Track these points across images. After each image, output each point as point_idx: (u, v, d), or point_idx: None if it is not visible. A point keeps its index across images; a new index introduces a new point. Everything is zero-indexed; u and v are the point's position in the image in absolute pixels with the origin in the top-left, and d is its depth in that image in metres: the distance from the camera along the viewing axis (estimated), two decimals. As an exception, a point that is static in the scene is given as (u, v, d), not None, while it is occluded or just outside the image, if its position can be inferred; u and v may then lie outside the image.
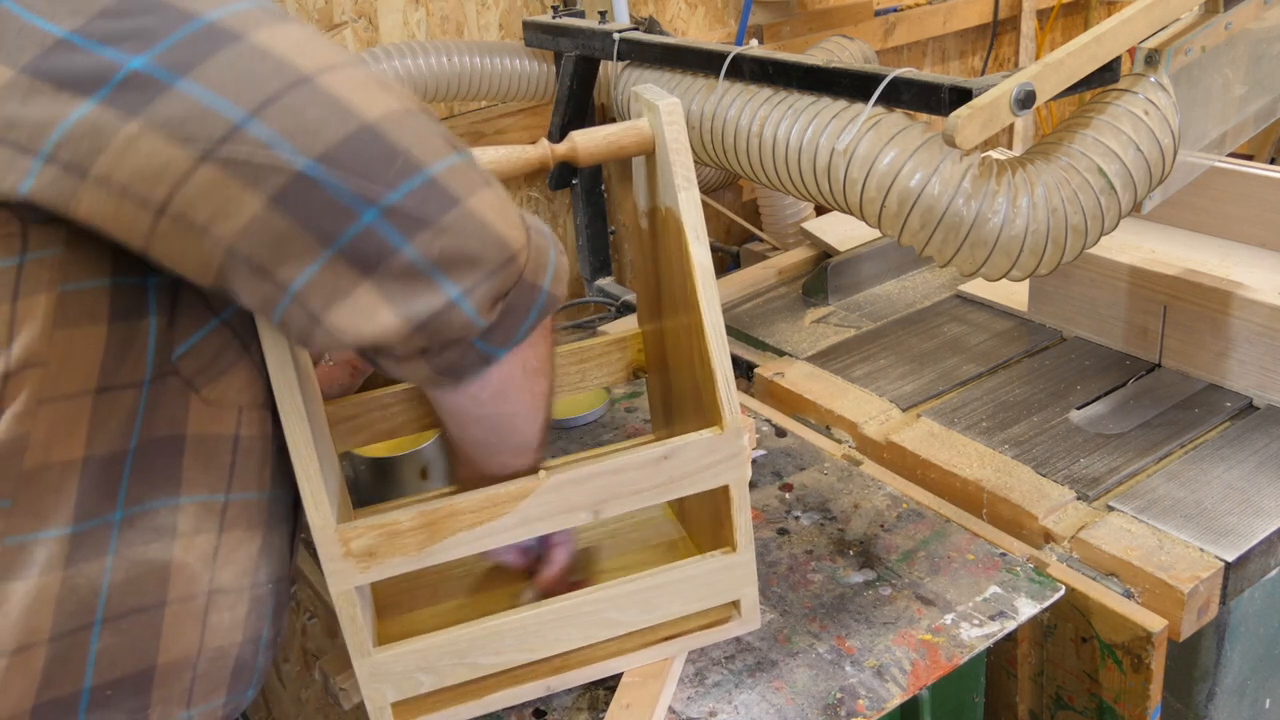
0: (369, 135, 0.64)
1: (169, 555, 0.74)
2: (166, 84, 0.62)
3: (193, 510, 0.75)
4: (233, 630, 0.78)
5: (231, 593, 0.78)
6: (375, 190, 0.64)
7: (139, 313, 0.71)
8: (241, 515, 0.78)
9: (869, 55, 1.88)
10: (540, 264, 0.71)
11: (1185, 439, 1.27)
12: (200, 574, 0.76)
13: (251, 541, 0.79)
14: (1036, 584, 1.04)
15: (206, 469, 0.76)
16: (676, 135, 0.89)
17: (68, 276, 0.67)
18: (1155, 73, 1.13)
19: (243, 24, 0.64)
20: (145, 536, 0.73)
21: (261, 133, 0.62)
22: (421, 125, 0.67)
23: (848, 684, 0.94)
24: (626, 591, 0.93)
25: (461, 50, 1.81)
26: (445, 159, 0.67)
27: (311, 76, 0.64)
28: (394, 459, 1.24)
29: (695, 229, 0.88)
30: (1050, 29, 2.92)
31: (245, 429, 0.78)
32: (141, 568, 0.73)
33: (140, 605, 0.73)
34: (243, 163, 0.62)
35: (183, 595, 0.75)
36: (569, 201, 2.21)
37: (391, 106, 0.66)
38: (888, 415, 1.39)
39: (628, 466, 0.88)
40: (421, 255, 0.65)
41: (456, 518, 0.85)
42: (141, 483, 0.73)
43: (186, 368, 0.73)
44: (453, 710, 0.93)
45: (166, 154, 0.62)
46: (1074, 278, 1.48)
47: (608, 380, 1.11)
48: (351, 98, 0.65)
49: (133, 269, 0.69)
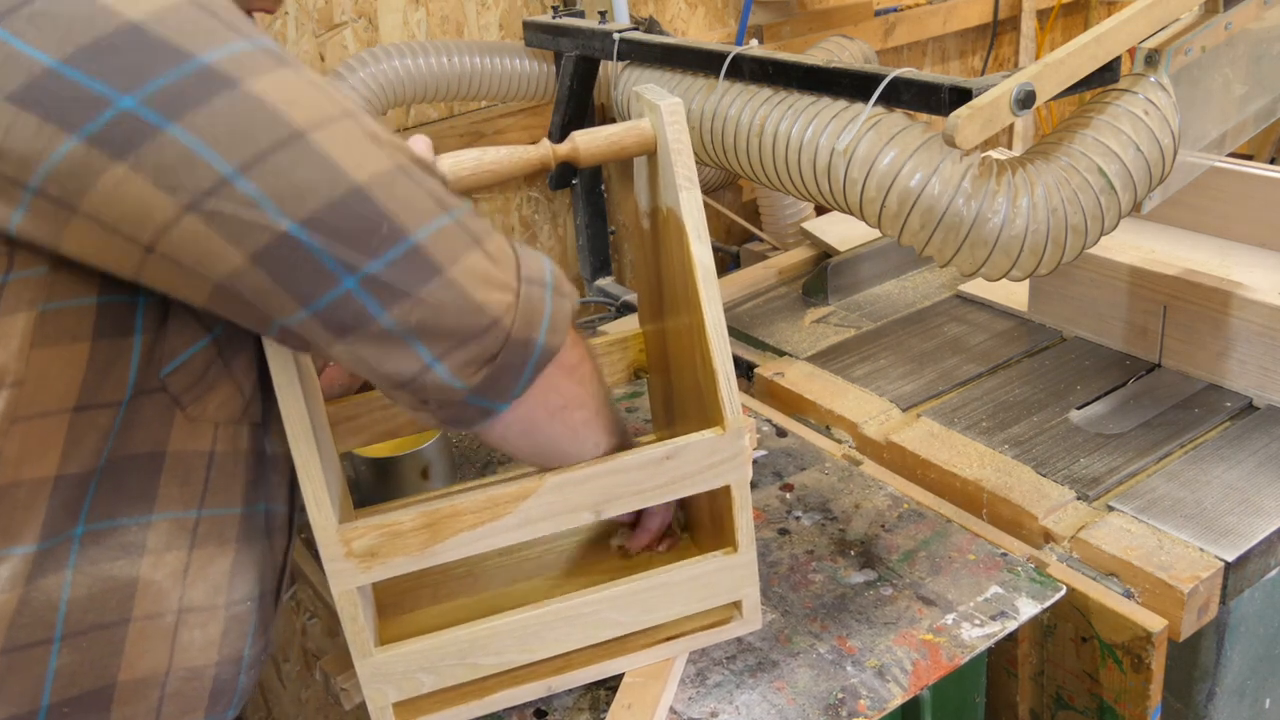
0: (356, 199, 0.64)
1: (135, 572, 0.73)
2: (157, 127, 0.61)
3: (165, 527, 0.74)
4: (207, 650, 0.77)
5: (203, 611, 0.77)
6: (357, 259, 0.64)
7: (124, 330, 0.70)
8: (213, 531, 0.77)
9: (869, 55, 1.88)
10: (531, 318, 0.71)
11: (1185, 439, 1.27)
12: (169, 591, 0.74)
13: (224, 557, 0.78)
14: (1037, 584, 1.04)
15: (183, 485, 0.75)
16: (678, 135, 0.89)
17: (51, 296, 0.66)
18: (1155, 73, 1.13)
19: (238, 69, 0.63)
20: (110, 554, 0.72)
21: (249, 190, 0.62)
22: (411, 186, 0.67)
23: (849, 684, 0.94)
24: (627, 592, 0.93)
25: (461, 50, 1.81)
26: (432, 223, 0.67)
27: (305, 133, 0.63)
28: (395, 459, 1.24)
29: (697, 229, 0.88)
30: (1050, 29, 2.92)
31: (220, 445, 0.77)
32: (104, 584, 0.72)
33: (101, 622, 0.72)
34: (229, 218, 0.62)
35: (149, 612, 0.74)
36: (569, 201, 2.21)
37: (382, 166, 0.66)
38: (888, 415, 1.39)
39: (630, 466, 0.88)
40: (398, 324, 0.66)
41: (458, 518, 0.85)
42: (111, 499, 0.72)
43: (175, 385, 0.73)
44: (454, 710, 0.93)
45: (153, 200, 0.62)
46: (1074, 278, 1.48)
47: (609, 381, 1.11)
48: (342, 158, 0.64)
49: (122, 287, 0.69)
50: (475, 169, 0.85)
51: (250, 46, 0.64)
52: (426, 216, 0.67)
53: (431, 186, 0.69)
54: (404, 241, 0.66)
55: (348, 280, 0.64)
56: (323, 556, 0.82)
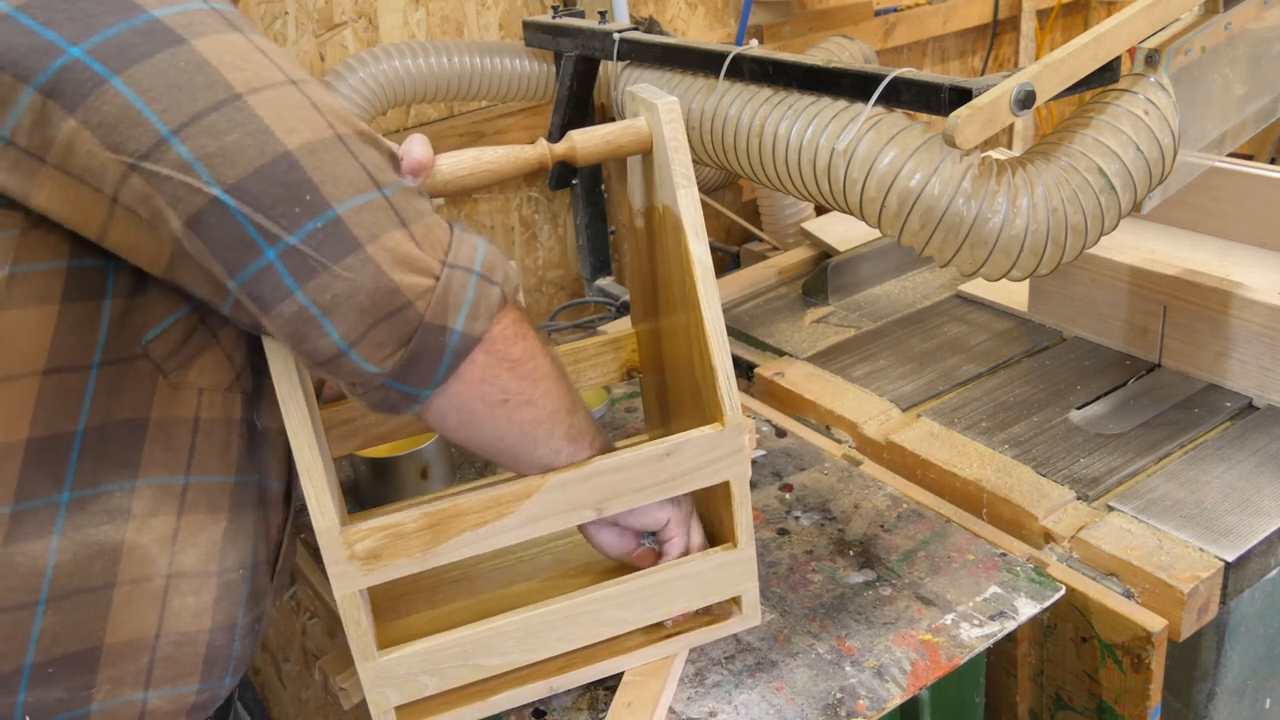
0: (284, 165, 0.64)
1: (120, 537, 0.73)
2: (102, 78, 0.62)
3: (149, 493, 0.75)
4: (200, 616, 0.77)
5: (195, 577, 0.77)
6: (278, 229, 0.64)
7: (95, 294, 0.70)
8: (203, 498, 0.77)
9: (869, 55, 1.88)
10: (449, 304, 0.70)
11: (1185, 439, 1.27)
12: (156, 556, 0.75)
13: (215, 525, 0.78)
14: (1036, 584, 1.04)
15: (166, 450, 0.75)
16: (675, 134, 0.89)
17: (19, 259, 0.67)
18: (1155, 73, 1.13)
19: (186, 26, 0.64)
20: (96, 519, 0.73)
21: (183, 152, 0.63)
22: (344, 157, 0.67)
23: (848, 684, 0.94)
24: (629, 589, 0.93)
25: (461, 50, 1.81)
26: (358, 197, 0.66)
27: (241, 95, 0.64)
28: (394, 459, 1.24)
29: (695, 226, 0.89)
30: (1050, 29, 2.92)
31: (206, 411, 0.77)
32: (90, 549, 0.72)
33: (86, 585, 0.73)
34: (165, 179, 0.63)
35: (135, 577, 0.74)
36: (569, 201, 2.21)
37: (317, 135, 0.66)
38: (888, 415, 1.39)
39: (630, 463, 0.88)
40: (312, 301, 0.66)
41: (461, 518, 0.84)
42: (95, 465, 0.72)
43: (157, 352, 0.73)
44: (457, 712, 0.93)
45: (103, 157, 0.63)
46: (1074, 278, 1.48)
47: (602, 380, 1.11)
48: (275, 122, 0.64)
49: (92, 251, 0.69)
50: (474, 168, 0.85)
51: (204, 6, 0.65)
52: (353, 190, 0.66)
53: (369, 159, 0.68)
54: (325, 214, 0.65)
55: (269, 251, 0.64)
56: (325, 559, 0.82)
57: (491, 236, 2.25)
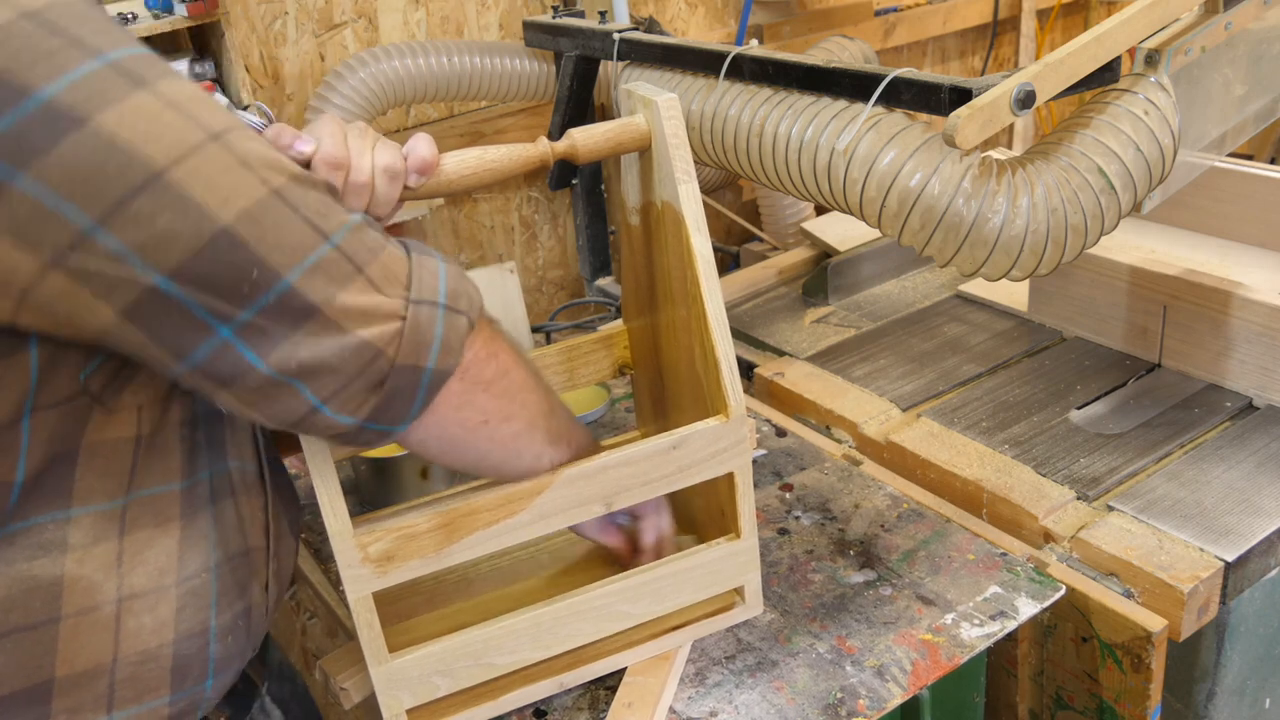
0: (224, 243, 0.61)
1: (59, 570, 0.71)
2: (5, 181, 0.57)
3: (87, 521, 0.72)
4: (159, 630, 0.75)
5: (149, 594, 0.75)
6: (229, 309, 0.62)
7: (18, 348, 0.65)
8: (146, 513, 0.75)
9: (869, 55, 1.89)
10: (420, 343, 0.69)
11: (1185, 439, 1.27)
12: (102, 584, 0.72)
13: (166, 536, 0.76)
14: (1037, 584, 1.04)
15: (102, 476, 0.72)
16: (675, 130, 0.89)
17: None
18: (1155, 73, 1.13)
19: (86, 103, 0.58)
20: (27, 553, 0.70)
21: (111, 243, 0.59)
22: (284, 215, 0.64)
23: (848, 684, 0.94)
24: (637, 583, 0.93)
25: (461, 50, 1.81)
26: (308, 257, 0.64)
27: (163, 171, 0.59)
28: (395, 459, 1.24)
29: (696, 221, 0.89)
30: (1050, 29, 2.92)
31: (146, 427, 0.74)
32: (24, 584, 0.70)
33: (26, 623, 0.70)
34: (94, 274, 0.60)
35: (82, 608, 0.72)
36: (569, 201, 2.22)
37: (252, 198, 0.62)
38: (888, 415, 1.39)
39: (639, 457, 0.88)
40: (277, 371, 0.64)
41: (474, 516, 0.84)
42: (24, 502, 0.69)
43: (94, 385, 0.70)
44: (468, 713, 0.93)
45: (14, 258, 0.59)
46: (1074, 278, 1.48)
47: (596, 378, 1.11)
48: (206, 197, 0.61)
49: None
50: (477, 167, 0.85)
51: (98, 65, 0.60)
52: (300, 252, 0.64)
53: (310, 208, 0.65)
54: (277, 285, 0.63)
55: (223, 330, 0.62)
56: (339, 563, 0.81)
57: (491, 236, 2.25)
